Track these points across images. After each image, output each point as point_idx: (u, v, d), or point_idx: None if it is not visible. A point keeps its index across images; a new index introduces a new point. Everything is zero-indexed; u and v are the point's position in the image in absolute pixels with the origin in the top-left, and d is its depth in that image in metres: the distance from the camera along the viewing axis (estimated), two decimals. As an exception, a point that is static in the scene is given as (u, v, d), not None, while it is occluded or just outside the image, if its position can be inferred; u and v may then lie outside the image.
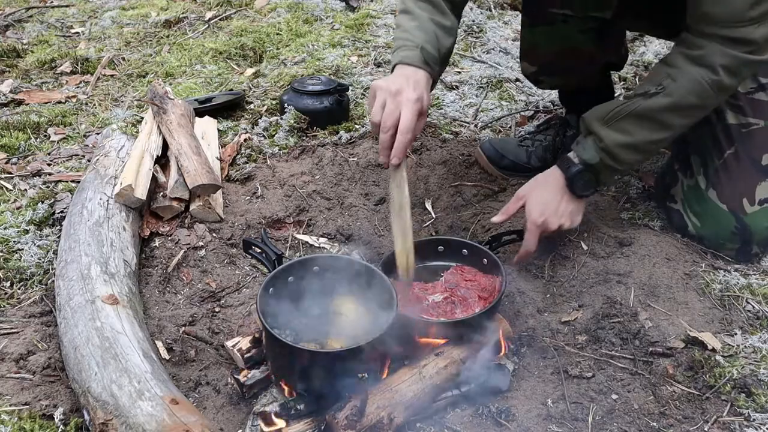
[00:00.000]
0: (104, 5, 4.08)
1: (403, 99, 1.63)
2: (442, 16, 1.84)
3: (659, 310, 1.78)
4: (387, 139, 1.63)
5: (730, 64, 1.67)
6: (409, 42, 1.77)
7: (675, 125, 1.79)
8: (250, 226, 2.14)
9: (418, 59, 1.74)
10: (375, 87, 1.68)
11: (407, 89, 1.64)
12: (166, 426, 1.32)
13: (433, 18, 1.82)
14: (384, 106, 1.64)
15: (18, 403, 1.54)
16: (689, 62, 1.71)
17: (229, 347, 1.69)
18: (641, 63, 3.15)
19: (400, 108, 1.62)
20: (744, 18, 1.62)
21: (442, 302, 1.71)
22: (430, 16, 1.82)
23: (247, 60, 3.34)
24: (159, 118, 2.40)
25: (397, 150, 1.62)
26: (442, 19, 1.84)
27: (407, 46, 1.76)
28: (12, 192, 2.30)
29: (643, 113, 1.76)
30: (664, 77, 1.74)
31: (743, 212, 1.87)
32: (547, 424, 1.54)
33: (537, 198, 1.88)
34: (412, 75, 1.71)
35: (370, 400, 1.45)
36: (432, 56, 1.76)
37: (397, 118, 1.62)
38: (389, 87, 1.65)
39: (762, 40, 1.65)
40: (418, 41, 1.76)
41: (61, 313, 1.68)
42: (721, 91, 1.73)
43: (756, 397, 1.56)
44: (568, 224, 1.88)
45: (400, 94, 1.63)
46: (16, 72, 3.23)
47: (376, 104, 1.66)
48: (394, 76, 1.72)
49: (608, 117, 1.80)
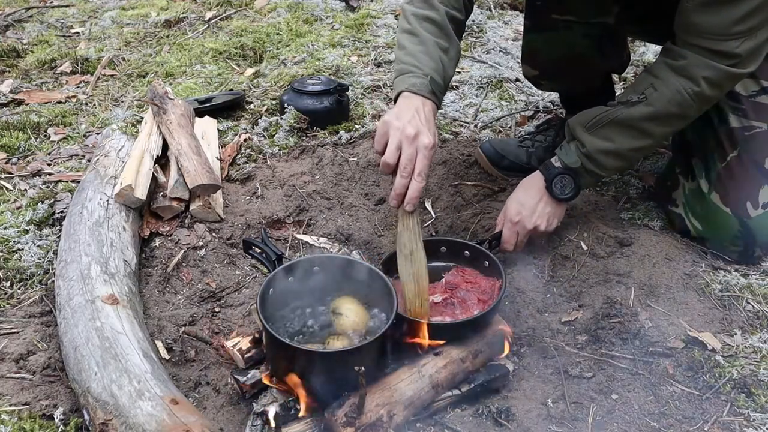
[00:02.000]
0: (104, 5, 4.08)
1: (420, 144, 1.59)
2: (446, 40, 1.81)
3: (659, 310, 1.78)
4: (405, 184, 1.60)
5: (712, 76, 1.69)
6: (416, 69, 1.73)
7: (656, 134, 1.81)
8: (250, 226, 2.14)
9: (426, 90, 1.70)
10: (388, 125, 1.62)
11: (424, 133, 1.60)
12: (166, 426, 1.32)
13: (439, 42, 1.78)
14: (399, 149, 1.60)
15: (18, 403, 1.54)
16: (672, 72, 1.72)
17: (229, 347, 1.69)
18: (641, 63, 3.15)
19: (418, 153, 1.59)
20: (729, 32, 1.63)
21: (441, 303, 1.71)
22: (436, 40, 1.78)
23: (247, 60, 3.34)
24: (159, 118, 2.40)
25: (411, 195, 1.60)
26: (447, 44, 1.80)
27: (414, 73, 1.72)
28: (12, 192, 2.30)
29: (624, 121, 1.79)
30: (647, 86, 1.76)
31: (747, 216, 1.87)
32: (547, 424, 1.54)
33: (516, 198, 1.93)
34: (421, 108, 1.66)
35: (369, 398, 1.44)
36: (439, 86, 1.74)
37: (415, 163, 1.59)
38: (405, 129, 1.59)
39: (745, 54, 1.66)
40: (426, 70, 1.72)
41: (61, 313, 1.68)
42: (702, 102, 1.74)
43: (756, 397, 1.56)
44: (544, 226, 1.90)
45: (417, 139, 1.59)
46: (16, 72, 3.23)
47: (391, 145, 1.60)
48: (405, 110, 1.66)
49: (590, 123, 1.83)
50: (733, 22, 1.61)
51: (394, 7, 3.80)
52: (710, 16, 1.63)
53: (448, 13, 1.82)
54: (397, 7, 3.81)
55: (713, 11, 1.62)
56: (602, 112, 1.82)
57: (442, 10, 1.82)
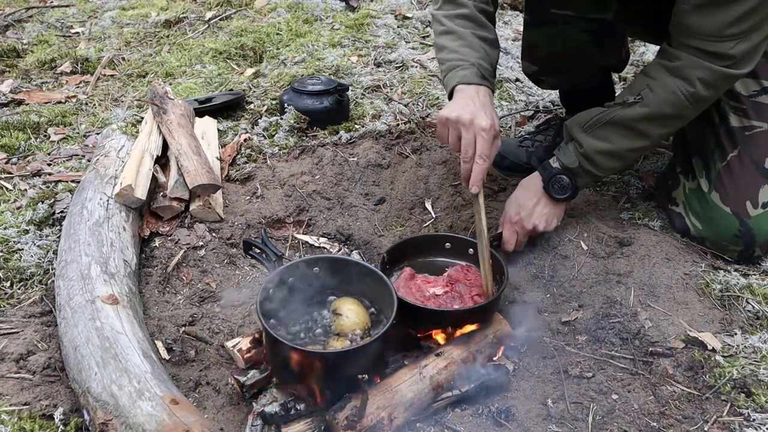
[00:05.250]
0: (104, 5, 4.08)
1: (477, 127, 1.65)
2: (483, 29, 1.86)
3: (659, 310, 1.78)
4: (469, 168, 1.68)
5: (707, 77, 1.70)
6: (461, 61, 1.77)
7: (653, 134, 1.83)
8: (250, 226, 2.14)
9: (477, 77, 1.75)
10: (445, 119, 1.70)
11: (480, 116, 1.66)
12: (166, 426, 1.32)
13: (476, 33, 1.84)
14: (460, 138, 1.67)
15: (18, 403, 1.54)
16: (667, 73, 1.74)
17: (229, 347, 1.69)
18: (641, 63, 3.15)
19: (476, 136, 1.65)
20: (725, 33, 1.64)
21: (442, 295, 1.74)
22: (473, 32, 1.83)
23: (247, 60, 3.34)
24: (159, 118, 2.40)
25: (475, 178, 1.67)
26: (485, 32, 1.86)
27: (461, 66, 1.77)
28: (12, 192, 2.30)
29: (620, 122, 1.80)
30: (643, 87, 1.78)
31: (747, 215, 1.87)
32: (547, 424, 1.54)
33: (515, 199, 1.95)
34: (476, 96, 1.72)
35: (371, 401, 1.44)
36: (488, 71, 1.78)
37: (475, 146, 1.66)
38: (461, 117, 1.66)
39: (740, 56, 1.67)
40: (471, 59, 1.77)
41: (61, 313, 1.68)
42: (698, 103, 1.75)
43: (756, 397, 1.56)
44: (542, 226, 1.92)
45: (473, 123, 1.65)
46: (16, 72, 3.23)
47: (451, 136, 1.69)
48: (460, 102, 1.72)
49: (588, 124, 1.85)
50: (728, 24, 1.62)
51: (394, 7, 3.80)
52: (705, 18, 1.64)
53: (476, 6, 1.86)
54: (397, 6, 3.81)
55: (709, 13, 1.62)
56: (599, 113, 1.84)
57: (471, 4, 1.86)
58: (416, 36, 3.53)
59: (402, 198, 2.28)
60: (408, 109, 2.81)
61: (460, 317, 1.68)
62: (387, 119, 2.72)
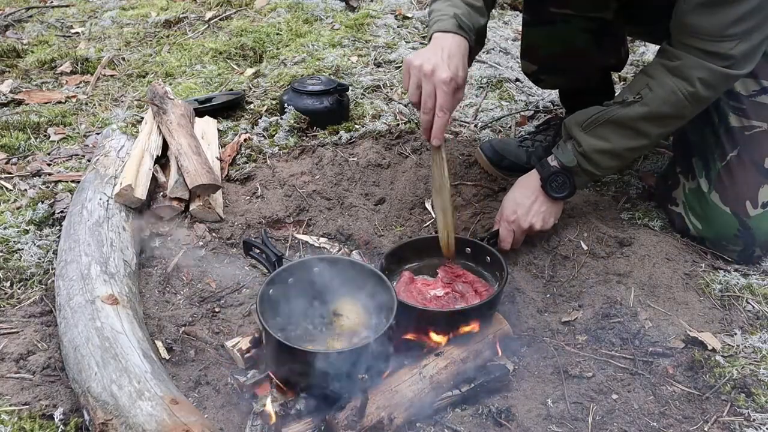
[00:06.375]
0: (104, 5, 4.08)
1: (437, 79, 1.61)
2: None
3: (659, 310, 1.78)
4: (428, 120, 1.64)
5: (707, 77, 1.70)
6: (443, 16, 1.75)
7: (651, 133, 1.82)
8: (250, 226, 2.14)
9: (452, 25, 1.71)
10: (408, 64, 1.66)
11: (441, 67, 1.62)
12: (166, 426, 1.32)
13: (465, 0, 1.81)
14: (419, 86, 1.63)
15: (18, 403, 1.54)
16: (667, 73, 1.74)
17: (229, 347, 1.69)
18: (641, 63, 3.15)
19: (436, 89, 1.61)
20: (725, 33, 1.64)
21: (443, 296, 1.73)
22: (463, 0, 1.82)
23: (247, 60, 3.34)
24: (159, 118, 2.40)
25: (436, 131, 1.63)
26: (474, 1, 1.83)
27: (441, 19, 1.74)
28: (12, 192, 2.30)
29: (619, 121, 1.80)
30: (643, 86, 1.77)
31: (746, 215, 1.87)
32: (547, 424, 1.54)
33: (512, 197, 1.94)
34: (447, 44, 1.68)
35: (371, 401, 1.45)
36: (466, 24, 1.74)
37: (435, 98, 1.62)
38: (423, 66, 1.62)
39: (740, 56, 1.67)
40: (450, 12, 1.74)
41: (61, 313, 1.68)
42: (697, 102, 1.75)
43: (756, 397, 1.56)
44: (540, 225, 1.91)
45: (434, 74, 1.61)
46: (16, 72, 3.23)
47: (411, 84, 1.65)
48: (429, 49, 1.69)
49: (587, 123, 1.84)
50: (729, 24, 1.62)
51: (394, 7, 3.80)
52: (706, 18, 1.64)
53: None
54: (397, 6, 3.81)
55: (709, 12, 1.62)
56: (598, 112, 1.83)
57: None
58: (416, 36, 3.53)
59: (402, 198, 2.28)
60: (408, 109, 2.81)
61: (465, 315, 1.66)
62: (387, 119, 2.72)
